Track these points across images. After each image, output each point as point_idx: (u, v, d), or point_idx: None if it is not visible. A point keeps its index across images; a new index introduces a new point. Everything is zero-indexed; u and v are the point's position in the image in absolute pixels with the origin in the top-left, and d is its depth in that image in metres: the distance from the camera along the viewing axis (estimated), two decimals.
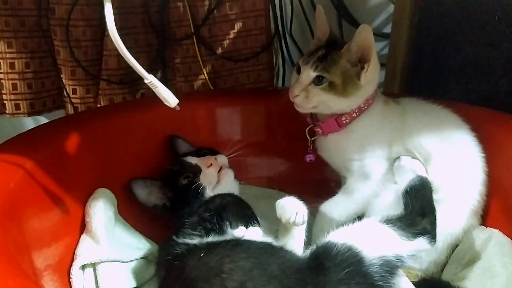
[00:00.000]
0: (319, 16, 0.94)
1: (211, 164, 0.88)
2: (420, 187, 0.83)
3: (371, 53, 0.85)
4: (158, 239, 0.91)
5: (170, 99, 0.76)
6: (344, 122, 0.89)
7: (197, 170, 0.88)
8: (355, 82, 0.86)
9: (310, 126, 0.94)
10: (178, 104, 0.78)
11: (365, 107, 0.89)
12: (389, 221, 0.76)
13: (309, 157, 0.95)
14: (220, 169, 0.89)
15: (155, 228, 0.93)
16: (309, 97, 0.86)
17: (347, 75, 0.86)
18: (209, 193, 0.85)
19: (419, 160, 0.87)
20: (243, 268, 0.67)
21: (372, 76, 0.87)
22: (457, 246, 0.87)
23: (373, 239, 0.73)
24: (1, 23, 1.16)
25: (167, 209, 0.89)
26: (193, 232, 0.77)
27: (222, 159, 0.92)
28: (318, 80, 0.86)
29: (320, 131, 0.92)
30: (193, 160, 0.90)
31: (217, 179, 0.88)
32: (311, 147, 0.95)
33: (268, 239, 0.78)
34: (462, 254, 0.84)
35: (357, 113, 0.89)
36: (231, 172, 0.90)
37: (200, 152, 0.93)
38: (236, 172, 0.92)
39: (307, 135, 0.94)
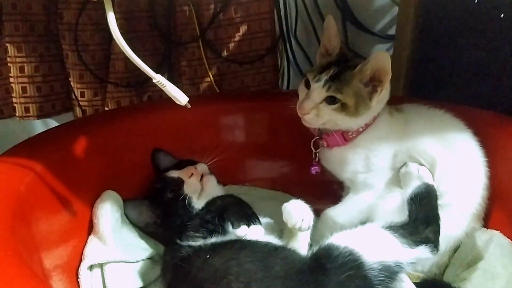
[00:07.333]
0: (330, 27, 0.90)
1: (192, 173, 0.90)
2: (425, 195, 0.84)
3: (387, 79, 0.83)
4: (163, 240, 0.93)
5: (180, 97, 0.77)
6: (351, 136, 0.89)
7: (180, 182, 0.90)
8: (366, 103, 0.85)
9: (315, 138, 0.93)
10: (188, 101, 0.78)
11: (371, 121, 0.89)
12: (391, 227, 0.77)
13: (315, 169, 0.95)
14: (202, 176, 0.91)
15: None
16: (320, 115, 0.85)
17: (359, 95, 0.84)
18: (195, 201, 0.87)
19: (426, 166, 0.88)
20: (249, 271, 0.69)
21: (382, 97, 0.86)
22: (459, 248, 0.87)
23: (374, 245, 0.73)
24: (11, 27, 1.18)
25: (159, 225, 0.91)
26: (196, 234, 0.80)
27: (202, 167, 0.94)
28: (330, 100, 0.84)
29: (325, 144, 0.92)
30: (174, 173, 0.92)
31: (200, 187, 0.90)
32: (316, 159, 0.94)
33: (270, 238, 0.80)
34: (463, 255, 0.85)
35: (364, 128, 0.89)
36: (213, 178, 0.92)
37: (180, 164, 0.95)
38: (239, 174, 0.94)
39: (312, 147, 0.94)
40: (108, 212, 0.87)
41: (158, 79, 0.75)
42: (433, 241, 0.78)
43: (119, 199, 0.91)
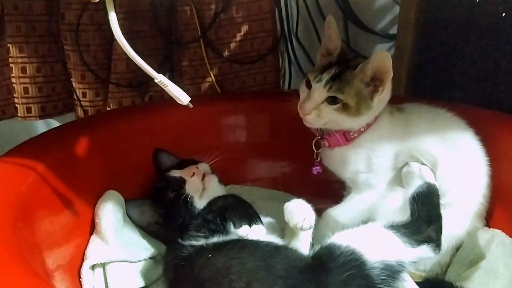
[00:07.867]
0: (330, 27, 0.90)
1: (194, 173, 0.91)
2: (427, 194, 0.84)
3: (388, 78, 0.83)
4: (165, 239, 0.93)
5: (181, 97, 0.77)
6: (352, 136, 0.89)
7: (182, 182, 0.90)
8: (368, 103, 0.85)
9: (316, 139, 0.93)
10: (190, 101, 0.78)
11: (373, 121, 0.89)
12: (393, 227, 0.77)
13: (316, 169, 0.95)
14: (204, 176, 0.91)
15: None
16: (321, 115, 0.85)
17: (360, 95, 0.84)
18: (197, 201, 0.88)
19: (428, 166, 0.88)
20: (250, 270, 0.69)
21: (384, 96, 0.87)
22: (461, 247, 0.88)
23: (376, 244, 0.73)
24: (13, 28, 1.19)
25: (161, 225, 0.91)
26: (198, 233, 0.80)
27: (204, 166, 0.94)
28: (331, 100, 0.84)
29: (327, 144, 0.92)
30: (176, 173, 0.92)
31: (202, 186, 0.90)
32: (318, 159, 0.95)
33: (272, 237, 0.80)
34: (465, 254, 0.85)
35: (365, 128, 0.89)
36: (214, 177, 0.93)
37: (182, 164, 0.95)
38: (240, 174, 0.94)
39: (313, 148, 0.94)
40: (110, 212, 0.87)
41: (160, 79, 0.75)
42: (435, 240, 0.78)
43: (121, 199, 0.92)
